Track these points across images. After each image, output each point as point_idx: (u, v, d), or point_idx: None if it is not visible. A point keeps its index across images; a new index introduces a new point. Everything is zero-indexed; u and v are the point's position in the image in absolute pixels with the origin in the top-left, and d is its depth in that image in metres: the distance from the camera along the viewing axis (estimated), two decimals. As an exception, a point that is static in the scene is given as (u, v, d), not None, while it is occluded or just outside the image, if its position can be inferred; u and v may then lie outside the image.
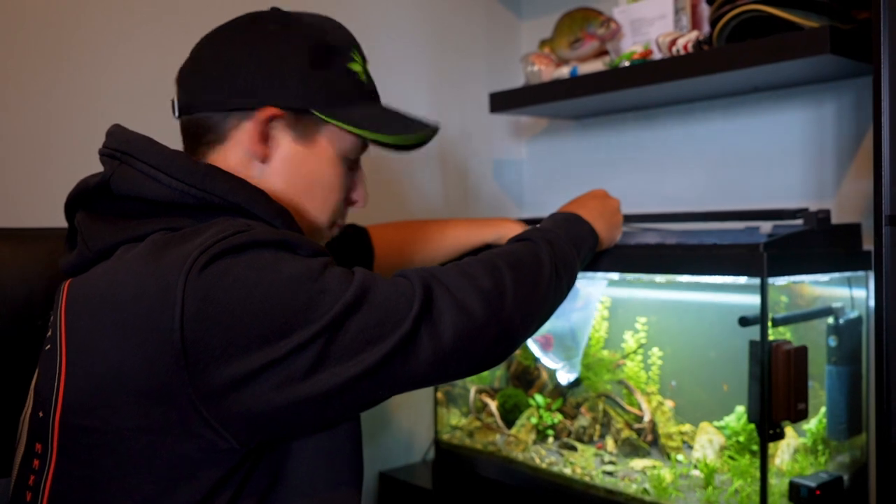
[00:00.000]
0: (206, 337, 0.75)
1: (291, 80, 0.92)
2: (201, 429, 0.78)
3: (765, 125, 1.57)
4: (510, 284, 0.91)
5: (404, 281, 0.86)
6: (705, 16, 1.47)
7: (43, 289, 1.04)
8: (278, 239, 0.81)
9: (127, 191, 0.86)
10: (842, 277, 1.34)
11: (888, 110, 0.92)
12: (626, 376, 1.50)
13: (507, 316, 0.89)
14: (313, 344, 0.77)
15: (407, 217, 1.76)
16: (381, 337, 0.80)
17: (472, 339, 0.86)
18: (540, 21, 1.96)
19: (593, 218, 1.17)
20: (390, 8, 1.78)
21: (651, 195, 1.75)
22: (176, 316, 0.74)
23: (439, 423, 1.67)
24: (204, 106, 0.93)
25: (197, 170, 0.86)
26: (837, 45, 1.21)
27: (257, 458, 0.84)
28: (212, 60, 0.94)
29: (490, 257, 0.95)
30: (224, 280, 0.76)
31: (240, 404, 0.76)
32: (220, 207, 0.86)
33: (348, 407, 0.83)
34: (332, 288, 0.79)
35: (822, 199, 1.49)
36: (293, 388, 0.77)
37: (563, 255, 1.04)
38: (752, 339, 1.16)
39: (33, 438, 0.85)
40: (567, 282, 1.04)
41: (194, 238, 0.79)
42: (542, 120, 1.99)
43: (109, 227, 0.87)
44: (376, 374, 0.80)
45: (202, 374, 0.75)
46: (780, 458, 1.27)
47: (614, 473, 1.38)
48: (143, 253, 0.80)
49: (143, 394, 0.77)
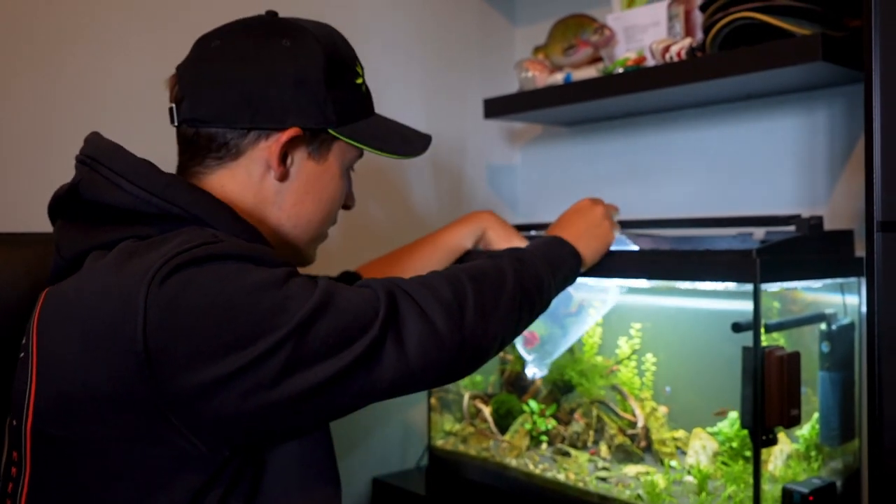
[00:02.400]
0: (170, 346, 0.74)
1: (312, 102, 0.93)
2: (171, 435, 0.77)
3: (757, 132, 1.58)
4: (471, 295, 0.91)
5: (367, 289, 0.86)
6: (699, 23, 1.47)
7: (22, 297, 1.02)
8: (242, 252, 0.80)
9: (92, 196, 0.86)
10: (834, 284, 1.34)
11: (879, 117, 0.93)
12: (619, 382, 1.50)
13: (468, 325, 0.89)
14: (280, 350, 0.76)
15: (399, 224, 1.76)
16: (347, 342, 0.80)
17: (436, 347, 0.86)
18: (534, 28, 1.97)
19: (576, 237, 1.17)
20: (384, 14, 1.78)
21: (644, 202, 1.76)
22: (139, 326, 0.74)
23: (433, 428, 1.67)
24: (221, 122, 0.92)
25: (160, 179, 0.86)
26: (829, 53, 1.22)
27: (236, 471, 0.83)
28: (230, 77, 0.92)
29: (452, 270, 0.95)
30: (186, 290, 0.75)
31: (208, 411, 0.76)
32: (181, 218, 0.85)
33: (317, 414, 0.83)
34: (296, 294, 0.79)
35: (814, 205, 1.49)
36: (261, 394, 0.76)
37: (534, 271, 1.04)
38: (745, 346, 1.16)
39: (11, 446, 0.85)
40: (538, 298, 1.04)
41: (160, 247, 0.79)
42: (536, 126, 1.99)
43: (79, 234, 0.87)
44: (343, 380, 0.80)
45: (168, 383, 0.75)
46: (773, 463, 1.27)
47: (608, 479, 1.38)
48: (110, 262, 0.80)
49: (109, 402, 0.77)
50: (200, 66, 0.94)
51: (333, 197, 1.00)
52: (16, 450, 0.83)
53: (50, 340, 0.81)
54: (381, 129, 1.00)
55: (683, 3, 1.49)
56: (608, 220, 1.24)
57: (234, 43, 0.94)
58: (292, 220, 0.97)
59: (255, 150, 0.93)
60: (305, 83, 0.92)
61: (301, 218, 0.97)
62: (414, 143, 1.03)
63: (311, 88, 0.93)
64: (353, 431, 1.73)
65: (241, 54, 0.93)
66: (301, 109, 0.92)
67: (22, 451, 0.82)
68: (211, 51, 0.94)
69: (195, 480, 0.80)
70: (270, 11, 0.99)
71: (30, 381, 0.82)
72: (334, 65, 0.95)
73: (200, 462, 0.80)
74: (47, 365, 0.81)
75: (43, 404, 0.80)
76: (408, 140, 1.03)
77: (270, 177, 0.94)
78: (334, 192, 0.99)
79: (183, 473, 0.80)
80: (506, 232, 1.30)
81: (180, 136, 0.96)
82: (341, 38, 1.00)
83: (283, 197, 0.95)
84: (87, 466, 0.79)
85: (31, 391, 0.81)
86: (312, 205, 0.97)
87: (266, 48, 0.93)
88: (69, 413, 0.78)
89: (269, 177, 0.94)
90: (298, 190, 0.96)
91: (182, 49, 0.98)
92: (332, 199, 0.99)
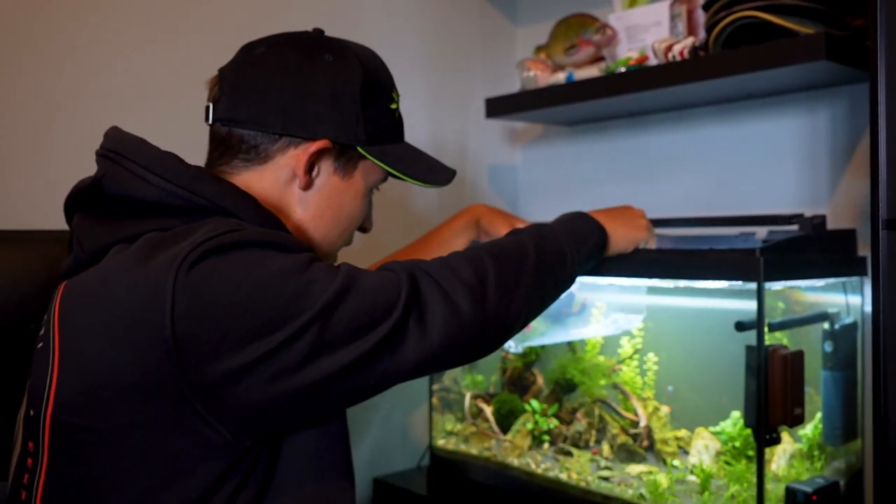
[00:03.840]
0: (197, 333, 0.75)
1: (346, 117, 0.94)
2: (196, 423, 0.78)
3: (760, 131, 1.58)
4: (492, 272, 0.92)
5: (389, 272, 0.87)
6: (701, 22, 1.47)
7: (36, 291, 1.03)
8: (266, 239, 0.82)
9: (116, 190, 0.86)
10: (837, 283, 1.34)
11: (885, 115, 0.93)
12: (622, 381, 1.50)
13: (491, 303, 0.90)
14: (305, 334, 0.77)
15: (400, 223, 1.76)
16: (371, 324, 0.81)
17: (460, 326, 0.86)
18: (536, 27, 1.97)
19: (606, 219, 1.17)
20: (387, 13, 1.78)
21: (647, 201, 1.75)
22: (167, 313, 0.75)
23: (434, 428, 1.67)
24: (255, 125, 0.93)
25: (185, 171, 0.87)
26: (833, 52, 1.22)
27: (254, 459, 0.84)
28: (269, 83, 0.93)
29: (472, 249, 0.96)
30: (213, 277, 0.77)
31: (234, 398, 0.77)
32: (207, 210, 0.86)
33: (342, 397, 0.84)
34: (319, 278, 0.80)
35: (816, 204, 1.49)
36: (287, 379, 0.77)
37: (556, 245, 1.04)
38: (749, 344, 1.16)
39: (27, 437, 0.85)
40: (560, 271, 1.04)
41: (187, 237, 0.80)
42: (537, 126, 1.99)
43: (102, 228, 0.88)
44: (368, 362, 0.81)
45: (195, 370, 0.76)
46: (776, 463, 1.27)
47: (610, 479, 1.37)
48: (136, 252, 0.81)
49: (135, 390, 0.77)
50: (243, 70, 0.95)
51: (352, 215, 1.00)
52: (32, 440, 0.84)
53: (73, 330, 0.82)
54: (409, 155, 1.02)
55: (686, 3, 1.49)
56: (646, 222, 1.25)
57: (279, 52, 0.95)
58: (310, 231, 0.98)
59: (283, 156, 0.94)
60: (342, 98, 0.94)
61: (318, 231, 0.98)
62: (439, 173, 1.04)
63: (346, 104, 0.94)
64: (355, 431, 1.73)
65: (284, 63, 0.94)
66: (334, 123, 0.94)
67: (39, 442, 0.82)
68: (255, 56, 0.96)
69: (215, 469, 0.81)
70: (317, 29, 1.01)
71: (50, 371, 0.82)
72: (372, 86, 0.96)
73: (222, 451, 0.81)
74: (70, 354, 0.81)
75: (65, 394, 0.81)
76: (433, 170, 1.04)
77: (295, 185, 0.95)
78: (354, 210, 1.00)
79: (204, 462, 0.81)
80: (500, 216, 1.30)
81: (213, 134, 0.97)
82: (382, 64, 1.01)
83: (304, 206, 0.96)
84: (108, 455, 0.80)
85: (51, 382, 0.82)
86: (331, 219, 0.98)
87: (308, 60, 0.94)
88: (93, 402, 0.79)
89: (293, 185, 0.95)
90: (320, 202, 0.97)
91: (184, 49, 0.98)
92: (350, 216, 1.00)
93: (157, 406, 0.78)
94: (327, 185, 0.97)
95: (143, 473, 0.80)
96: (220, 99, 0.94)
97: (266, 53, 0.95)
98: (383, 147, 0.98)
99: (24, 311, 1.03)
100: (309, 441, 0.89)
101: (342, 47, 0.97)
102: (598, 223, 1.14)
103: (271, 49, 0.96)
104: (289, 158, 0.94)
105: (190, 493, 0.81)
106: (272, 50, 0.96)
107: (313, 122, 0.93)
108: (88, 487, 0.81)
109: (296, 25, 1.61)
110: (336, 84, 0.94)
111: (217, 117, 0.94)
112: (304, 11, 1.64)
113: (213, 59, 1.02)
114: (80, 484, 0.81)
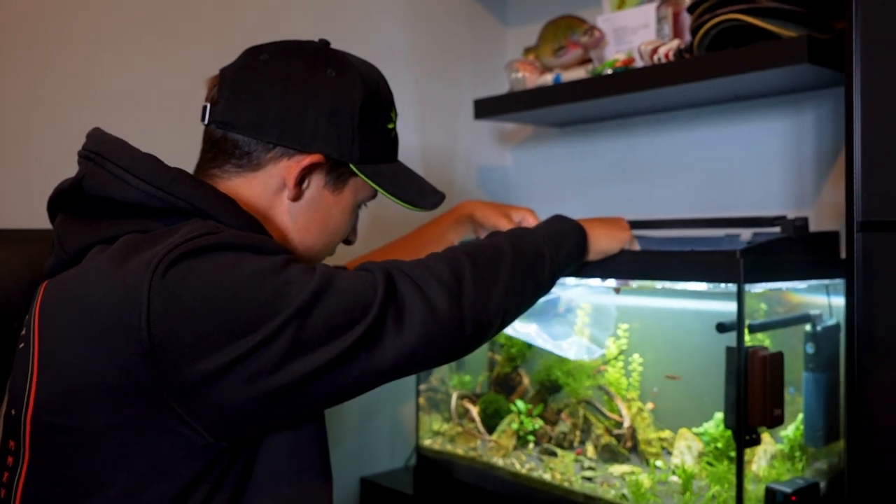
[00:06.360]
0: (173, 335, 0.76)
1: (343, 134, 0.95)
2: (175, 425, 0.79)
3: (745, 134, 1.58)
4: (468, 270, 0.93)
5: (365, 272, 0.88)
6: (687, 25, 1.48)
7: (19, 290, 1.03)
8: (243, 241, 0.82)
9: (97, 191, 0.87)
10: (820, 285, 1.35)
11: (860, 117, 0.93)
12: (606, 382, 1.50)
13: (467, 301, 0.91)
14: (282, 334, 0.78)
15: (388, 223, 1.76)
16: (349, 323, 0.81)
17: (437, 324, 0.87)
18: (526, 29, 1.97)
19: (588, 223, 1.18)
20: (376, 13, 1.79)
21: (633, 203, 1.76)
22: (143, 315, 0.75)
23: (421, 428, 1.67)
24: (251, 132, 0.93)
25: (165, 173, 0.87)
26: (815, 55, 1.23)
27: (231, 460, 0.85)
28: (270, 92, 0.93)
29: (449, 250, 0.97)
30: (188, 279, 0.77)
31: (213, 399, 0.78)
32: (186, 212, 0.87)
33: (321, 398, 0.84)
34: (296, 279, 0.81)
35: (801, 207, 1.50)
36: (265, 379, 0.78)
37: (533, 245, 1.05)
38: (729, 346, 1.17)
39: (7, 436, 0.86)
40: (539, 271, 1.05)
41: (164, 240, 0.81)
42: (526, 128, 2.00)
43: (83, 228, 0.88)
44: (346, 361, 0.81)
45: (173, 372, 0.76)
46: (756, 464, 1.28)
47: (593, 479, 1.38)
48: (113, 254, 0.82)
49: (114, 392, 0.78)
50: (245, 74, 0.95)
51: (338, 229, 1.01)
52: (13, 439, 0.84)
53: (52, 332, 0.83)
54: (401, 176, 1.03)
55: (672, 6, 1.50)
56: (630, 233, 1.25)
57: (282, 61, 0.95)
58: (294, 241, 0.98)
59: (275, 166, 0.94)
60: (340, 115, 0.95)
61: (303, 242, 0.99)
62: (428, 197, 1.05)
63: (344, 122, 0.95)
64: (342, 431, 1.73)
65: (287, 73, 0.94)
66: (329, 139, 0.94)
67: (20, 441, 0.83)
68: (258, 62, 0.96)
69: (194, 470, 0.82)
70: (323, 40, 1.01)
71: (31, 371, 0.83)
72: (371, 105, 0.97)
73: (202, 452, 0.81)
74: (50, 356, 0.82)
75: (45, 394, 0.81)
76: (423, 193, 1.04)
77: (284, 195, 0.96)
78: (340, 225, 1.01)
79: (183, 462, 0.81)
80: (493, 208, 1.30)
81: (207, 135, 0.97)
82: (385, 83, 1.02)
83: (291, 217, 0.97)
84: (88, 455, 0.80)
85: (31, 381, 0.82)
86: (317, 232, 0.99)
87: (311, 73, 0.95)
88: (73, 403, 0.80)
89: (282, 194, 0.96)
90: (307, 214, 0.97)
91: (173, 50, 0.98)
92: (335, 230, 1.01)
93: (137, 407, 0.78)
94: (316, 199, 0.97)
95: (123, 474, 0.80)
96: (218, 101, 0.95)
97: (270, 61, 0.95)
98: (377, 166, 0.99)
99: (7, 310, 1.03)
100: (286, 441, 0.89)
101: (346, 63, 0.97)
102: (577, 224, 1.15)
103: (275, 57, 0.96)
104: (281, 169, 0.94)
105: (169, 492, 0.81)
106: (276, 58, 0.96)
107: (309, 136, 0.94)
108: (68, 487, 0.81)
109: (285, 24, 1.63)
110: (336, 100, 0.94)
111: (213, 119, 0.95)
112: (294, 11, 1.64)
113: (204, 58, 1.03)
114: (60, 483, 0.81)
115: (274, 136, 0.93)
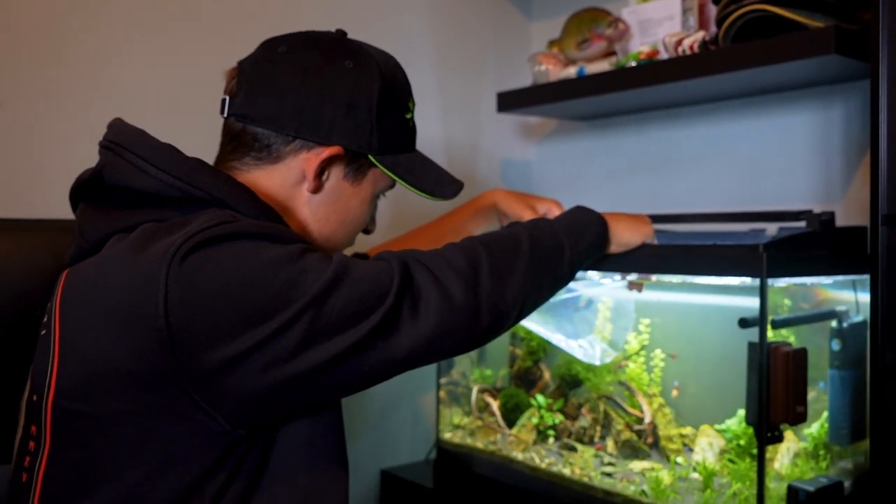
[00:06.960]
0: (191, 323, 0.76)
1: (361, 126, 0.95)
2: (192, 412, 0.80)
3: (772, 127, 1.56)
4: (485, 260, 0.93)
5: (382, 261, 0.88)
6: (713, 16, 1.46)
7: (43, 280, 1.05)
8: (259, 230, 0.83)
9: (117, 181, 0.88)
10: (847, 281, 1.32)
11: (886, 110, 0.91)
12: (627, 378, 1.49)
13: (483, 290, 0.90)
14: (298, 322, 0.78)
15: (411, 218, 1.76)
16: (364, 312, 0.81)
17: (453, 313, 0.87)
18: (550, 22, 1.96)
19: (610, 215, 1.17)
20: (400, 6, 1.79)
21: (658, 197, 1.74)
22: (160, 303, 0.76)
23: (441, 422, 1.67)
24: (269, 125, 0.94)
25: (183, 163, 0.88)
26: (843, 46, 1.20)
27: (248, 447, 0.85)
28: (288, 84, 0.94)
29: (466, 240, 0.97)
30: (205, 267, 0.78)
31: (229, 386, 0.78)
32: (204, 201, 0.87)
33: (336, 387, 0.84)
34: (311, 268, 0.81)
35: (829, 201, 1.47)
36: (281, 367, 0.78)
37: (551, 236, 1.04)
38: (751, 341, 1.15)
39: (29, 421, 0.87)
40: (557, 262, 1.04)
41: (181, 228, 0.82)
42: (551, 121, 1.98)
43: (103, 218, 0.89)
44: (362, 350, 0.82)
45: (190, 359, 0.77)
46: (779, 462, 1.26)
47: (613, 475, 1.37)
48: (132, 243, 0.83)
49: (132, 378, 0.79)
50: (263, 67, 0.96)
51: (357, 220, 1.02)
52: (35, 424, 0.86)
53: (73, 319, 0.84)
54: (419, 166, 1.02)
55: (698, -3, 1.48)
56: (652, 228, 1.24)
57: (300, 53, 0.95)
58: (314, 233, 0.99)
59: (294, 159, 0.95)
60: (358, 107, 0.95)
61: (322, 233, 0.99)
62: (446, 186, 1.04)
63: (362, 113, 0.95)
64: (363, 423, 1.74)
65: (305, 66, 0.94)
66: (348, 131, 0.95)
67: (42, 426, 0.84)
68: (276, 54, 0.96)
69: (209, 457, 0.83)
70: (340, 30, 1.01)
71: (52, 357, 0.84)
72: (389, 96, 0.97)
73: (218, 439, 0.82)
74: (70, 342, 0.83)
75: (65, 380, 0.82)
76: (441, 183, 1.04)
77: (303, 187, 0.96)
78: (359, 216, 1.01)
79: (200, 450, 0.82)
80: (517, 197, 1.29)
81: (226, 128, 0.98)
82: (402, 73, 1.02)
83: (310, 208, 0.97)
84: (107, 441, 0.81)
85: (53, 368, 0.83)
86: (336, 223, 0.99)
87: (329, 65, 0.95)
88: (92, 389, 0.81)
89: (301, 186, 0.96)
90: (327, 205, 0.98)
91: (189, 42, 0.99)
92: (355, 221, 1.01)
93: (155, 394, 0.79)
94: (336, 190, 0.98)
95: (141, 460, 0.81)
96: (237, 93, 0.95)
97: (287, 53, 0.95)
98: (395, 157, 0.99)
99: (30, 298, 1.05)
100: (303, 430, 0.90)
101: (363, 54, 0.97)
102: (598, 215, 1.14)
103: (293, 49, 0.96)
104: (300, 161, 0.95)
105: (186, 479, 0.82)
106: (294, 50, 0.96)
107: (328, 129, 0.94)
108: (88, 472, 0.82)
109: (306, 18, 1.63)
110: (354, 92, 0.94)
111: (232, 112, 0.95)
112: (316, 5, 1.64)
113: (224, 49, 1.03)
114: (79, 468, 0.83)
115: (293, 128, 0.93)
